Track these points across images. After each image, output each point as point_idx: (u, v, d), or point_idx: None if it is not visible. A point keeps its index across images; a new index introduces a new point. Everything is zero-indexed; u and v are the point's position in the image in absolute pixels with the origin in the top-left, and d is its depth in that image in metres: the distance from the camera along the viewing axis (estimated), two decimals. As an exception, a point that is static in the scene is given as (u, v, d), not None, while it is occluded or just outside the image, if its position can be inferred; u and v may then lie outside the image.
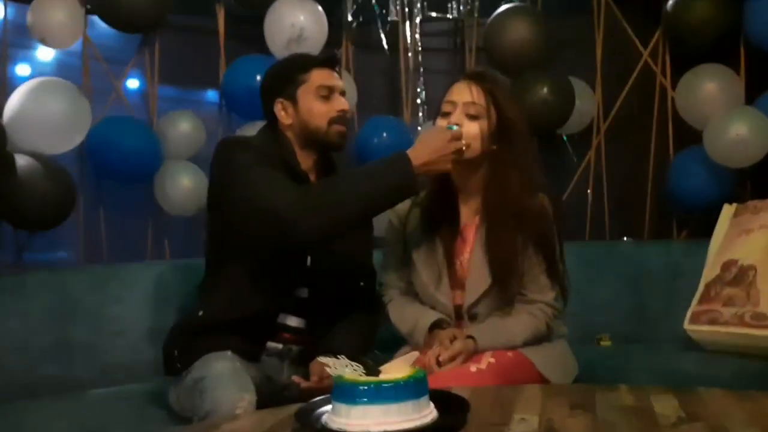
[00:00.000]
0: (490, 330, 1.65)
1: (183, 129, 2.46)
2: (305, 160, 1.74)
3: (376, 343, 1.84)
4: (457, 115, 1.67)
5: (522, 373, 1.59)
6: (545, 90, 2.45)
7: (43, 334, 1.95)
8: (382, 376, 1.15)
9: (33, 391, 1.87)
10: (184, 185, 2.40)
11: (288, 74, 1.74)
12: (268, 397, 1.59)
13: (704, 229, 2.49)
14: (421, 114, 2.79)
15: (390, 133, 2.61)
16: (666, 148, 2.63)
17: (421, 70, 2.76)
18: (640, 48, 2.67)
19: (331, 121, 1.71)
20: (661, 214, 2.67)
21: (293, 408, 1.29)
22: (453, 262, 1.72)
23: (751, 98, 2.43)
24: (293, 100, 1.72)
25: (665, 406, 1.22)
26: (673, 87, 2.59)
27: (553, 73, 2.54)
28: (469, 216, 1.74)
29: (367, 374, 1.17)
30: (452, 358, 1.59)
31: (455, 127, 1.60)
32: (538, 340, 1.67)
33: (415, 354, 1.21)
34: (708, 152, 2.38)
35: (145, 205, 2.44)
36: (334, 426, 1.13)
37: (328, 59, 1.78)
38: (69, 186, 2.20)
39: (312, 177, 1.75)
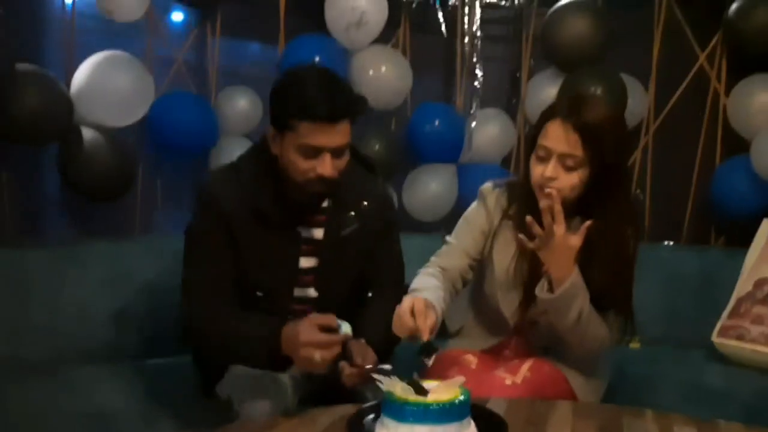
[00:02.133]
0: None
1: (241, 106, 2.54)
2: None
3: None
4: (552, 168, 1.61)
5: (555, 389, 1.68)
6: (599, 90, 2.47)
7: (100, 303, 2.09)
8: (430, 397, 1.27)
9: (90, 357, 2.02)
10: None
11: (282, 110, 1.52)
12: (313, 387, 1.73)
13: (741, 238, 2.53)
14: (474, 104, 2.82)
15: (442, 120, 2.66)
16: (713, 154, 2.65)
17: (475, 57, 2.78)
18: (697, 50, 2.66)
19: (307, 183, 1.52)
20: (701, 220, 2.71)
21: (344, 410, 1.43)
22: (535, 282, 1.68)
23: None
24: (280, 139, 1.53)
25: (688, 441, 1.33)
26: (727, 93, 2.58)
27: (606, 71, 2.54)
28: None
29: (416, 392, 1.28)
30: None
31: (343, 327, 1.49)
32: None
33: (461, 379, 1.30)
34: (754, 165, 2.40)
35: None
36: (381, 439, 1.25)
37: (328, 113, 1.48)
38: (132, 159, 2.31)
39: (310, 200, 1.61)
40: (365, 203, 1.70)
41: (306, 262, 1.66)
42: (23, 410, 1.74)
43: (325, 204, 1.66)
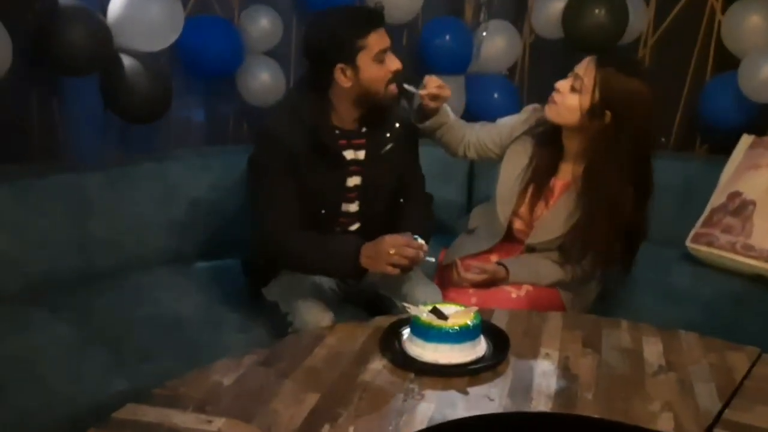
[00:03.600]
0: (522, 266, 2.04)
1: (263, 25, 2.68)
2: (353, 113, 1.91)
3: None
4: (564, 83, 1.92)
5: (551, 304, 2.02)
6: (602, 12, 2.61)
7: (152, 216, 2.36)
8: (449, 322, 1.59)
9: (147, 264, 2.32)
10: (263, 79, 2.69)
11: (348, 38, 1.79)
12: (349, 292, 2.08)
13: (723, 146, 2.78)
14: (482, 14, 2.95)
15: (452, 35, 2.80)
16: (704, 69, 2.83)
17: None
18: (698, -34, 2.77)
19: (388, 83, 1.85)
20: (688, 129, 2.94)
21: (378, 322, 1.76)
22: (537, 199, 2.04)
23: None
24: (353, 66, 1.81)
25: (652, 351, 1.66)
26: (723, 12, 2.72)
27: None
28: (564, 175, 2.04)
29: (438, 317, 1.61)
30: (479, 278, 2.00)
31: (419, 239, 1.78)
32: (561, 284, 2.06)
33: (476, 308, 1.63)
34: (740, 84, 2.60)
35: (229, 97, 2.74)
36: (411, 353, 1.59)
37: (380, 19, 1.82)
38: (167, 82, 2.49)
39: (357, 126, 1.94)
40: (397, 125, 2.01)
41: (351, 181, 1.98)
42: (92, 308, 2.03)
43: (363, 129, 1.96)
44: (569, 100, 1.90)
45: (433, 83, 1.99)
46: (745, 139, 2.60)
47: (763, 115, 2.73)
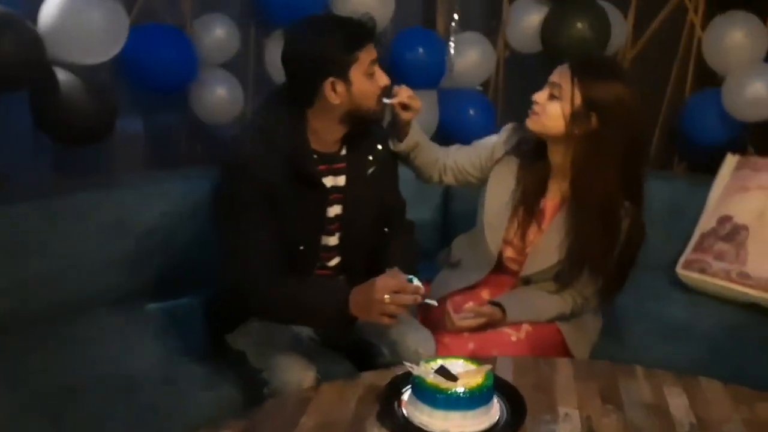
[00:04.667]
0: (519, 303, 1.87)
1: (218, 35, 2.42)
2: (334, 134, 1.72)
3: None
4: (542, 93, 1.82)
5: (552, 344, 1.85)
6: (584, 25, 2.47)
7: (95, 251, 2.07)
8: (460, 383, 1.38)
9: (89, 306, 2.03)
10: (218, 94, 2.42)
11: (342, 51, 1.63)
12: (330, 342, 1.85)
13: (702, 165, 2.69)
14: (454, 25, 2.77)
15: (424, 48, 2.61)
16: (683, 86, 2.73)
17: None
18: (677, -19, 2.67)
19: (378, 99, 1.70)
20: (667, 146, 2.84)
21: (370, 379, 1.54)
22: (529, 224, 1.90)
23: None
24: (346, 79, 1.64)
25: (677, 406, 1.50)
26: (703, 27, 2.63)
27: (593, 4, 2.53)
28: (555, 194, 1.90)
29: (446, 378, 1.40)
30: (475, 323, 1.82)
31: (414, 279, 1.57)
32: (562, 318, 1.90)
33: (489, 366, 1.42)
34: (724, 102, 2.50)
35: (181, 114, 2.47)
36: (416, 421, 1.37)
37: (371, 31, 1.67)
38: (110, 99, 2.20)
39: (337, 149, 1.74)
40: (379, 147, 1.83)
41: (332, 211, 1.77)
42: (26, 365, 1.76)
43: (343, 152, 1.76)
44: (550, 108, 1.79)
45: (404, 92, 1.84)
46: (730, 159, 2.51)
47: (744, 133, 2.64)
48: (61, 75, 2.11)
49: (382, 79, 1.69)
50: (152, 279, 2.17)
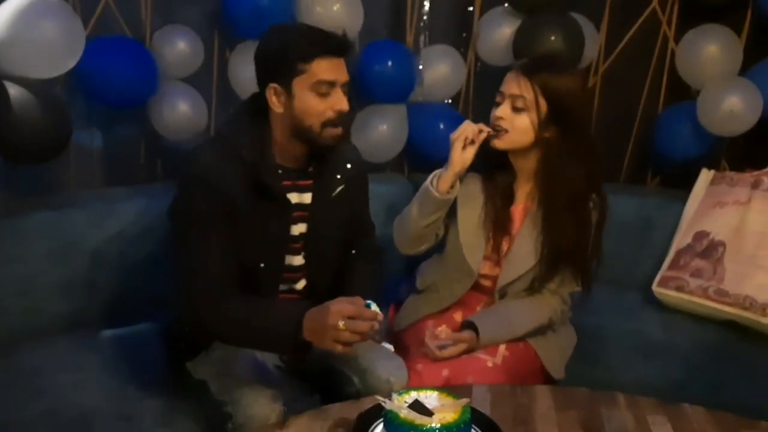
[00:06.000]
0: (493, 322, 1.80)
1: (180, 48, 2.32)
2: (293, 150, 1.62)
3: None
4: (503, 108, 1.76)
5: (529, 367, 1.79)
6: (558, 38, 2.42)
7: (45, 276, 1.96)
8: (435, 419, 1.30)
9: (40, 332, 1.93)
10: (180, 110, 2.32)
11: (286, 58, 1.53)
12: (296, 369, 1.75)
13: (676, 179, 2.66)
14: (423, 37, 2.70)
15: (393, 61, 2.53)
16: (656, 99, 2.70)
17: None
18: (651, -8, 2.64)
19: (326, 123, 1.56)
20: (639, 161, 2.80)
21: (339, 412, 1.45)
22: (501, 235, 1.85)
23: (748, 64, 2.48)
24: (288, 89, 1.54)
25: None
26: (676, 40, 2.60)
27: (566, 17, 2.48)
28: (521, 199, 1.86)
29: (420, 413, 1.31)
30: (456, 351, 1.75)
31: (372, 305, 1.49)
32: (539, 331, 1.85)
33: (466, 400, 1.34)
34: (699, 116, 2.46)
35: (140, 130, 2.36)
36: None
37: (337, 46, 1.55)
38: (64, 115, 2.08)
39: (303, 165, 1.65)
40: (348, 166, 1.73)
41: (296, 229, 1.68)
42: None
43: (310, 168, 1.67)
44: (518, 122, 1.75)
45: (469, 129, 1.79)
46: (705, 174, 2.47)
47: (717, 147, 2.61)
48: (12, 90, 1.98)
49: (338, 104, 1.55)
50: (105, 304, 2.06)
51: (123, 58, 2.19)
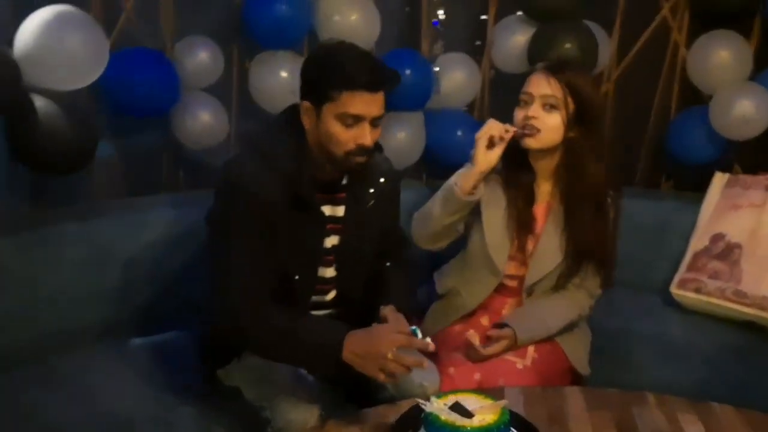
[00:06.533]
0: (529, 322, 1.83)
1: (201, 58, 2.35)
2: (325, 163, 1.61)
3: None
4: (535, 108, 1.79)
5: (558, 366, 1.82)
6: (573, 45, 2.46)
7: (78, 285, 1.96)
8: (476, 420, 1.33)
9: (72, 341, 1.94)
10: (202, 119, 2.35)
11: (320, 82, 1.53)
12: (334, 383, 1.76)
13: (690, 183, 2.70)
14: (437, 46, 2.74)
15: (411, 68, 2.56)
16: (669, 105, 2.74)
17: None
18: (661, 0, 2.68)
19: (348, 153, 1.55)
20: (653, 165, 2.83)
21: (378, 417, 1.47)
22: (525, 234, 1.88)
23: (758, 68, 2.52)
24: (318, 111, 1.54)
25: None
26: (687, 46, 2.64)
27: (581, 26, 2.52)
28: (542, 198, 1.90)
29: (461, 415, 1.34)
30: (500, 348, 1.79)
31: (419, 332, 1.50)
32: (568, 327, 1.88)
33: (504, 402, 1.36)
34: (711, 120, 2.51)
35: (163, 140, 2.38)
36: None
37: (371, 83, 1.51)
38: (91, 126, 2.10)
39: (338, 178, 1.66)
40: (382, 180, 1.74)
41: (329, 242, 1.69)
42: (17, 404, 1.66)
43: (344, 181, 1.68)
44: (551, 121, 1.79)
45: (495, 127, 1.81)
46: (720, 177, 2.51)
47: (730, 151, 2.65)
48: (39, 101, 2.01)
49: (360, 138, 1.53)
50: (137, 312, 2.07)
51: (145, 69, 2.22)
